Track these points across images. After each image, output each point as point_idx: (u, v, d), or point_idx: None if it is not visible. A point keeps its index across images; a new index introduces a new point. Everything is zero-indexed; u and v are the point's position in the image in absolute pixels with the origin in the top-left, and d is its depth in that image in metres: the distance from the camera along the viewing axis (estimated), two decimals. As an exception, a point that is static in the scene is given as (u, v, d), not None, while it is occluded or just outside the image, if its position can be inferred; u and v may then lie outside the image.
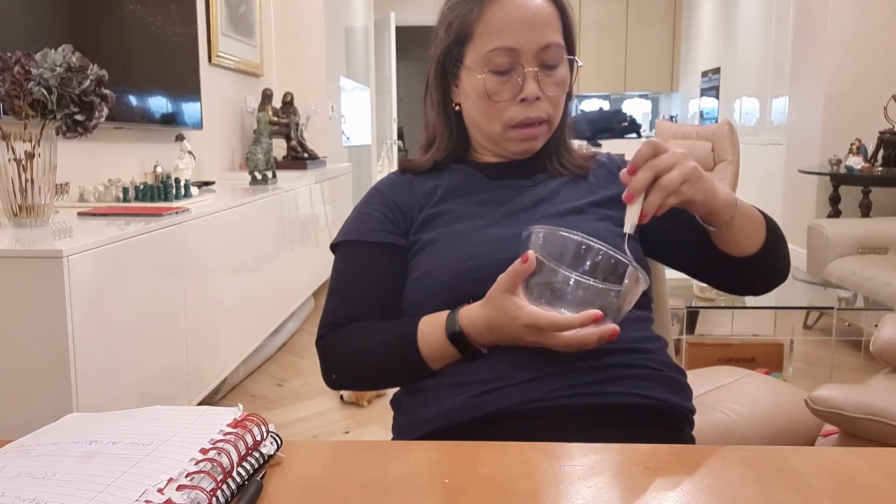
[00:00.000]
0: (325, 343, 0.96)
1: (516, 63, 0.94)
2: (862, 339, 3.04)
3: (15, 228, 1.72)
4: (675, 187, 0.79)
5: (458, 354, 0.85)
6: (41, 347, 1.49)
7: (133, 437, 0.59)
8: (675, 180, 0.79)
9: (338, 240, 1.01)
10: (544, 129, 0.98)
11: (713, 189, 0.84)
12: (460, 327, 0.84)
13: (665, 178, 0.79)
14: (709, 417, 1.47)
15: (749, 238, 0.91)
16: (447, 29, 0.99)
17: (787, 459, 0.63)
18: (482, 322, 0.82)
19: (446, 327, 0.85)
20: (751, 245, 0.92)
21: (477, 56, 0.95)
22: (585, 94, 8.80)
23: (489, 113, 0.97)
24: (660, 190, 0.79)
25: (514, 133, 0.97)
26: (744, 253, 0.92)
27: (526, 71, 0.93)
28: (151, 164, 2.91)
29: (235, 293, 2.51)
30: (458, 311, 0.85)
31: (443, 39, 0.99)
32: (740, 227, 0.89)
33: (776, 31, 5.46)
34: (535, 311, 0.78)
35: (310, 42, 4.61)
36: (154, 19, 2.81)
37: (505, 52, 0.93)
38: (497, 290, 0.80)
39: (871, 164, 3.93)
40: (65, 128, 1.71)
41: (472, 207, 0.97)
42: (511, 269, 0.78)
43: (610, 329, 0.77)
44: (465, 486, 0.58)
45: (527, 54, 0.93)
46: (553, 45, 0.94)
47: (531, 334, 0.79)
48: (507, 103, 0.95)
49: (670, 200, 0.80)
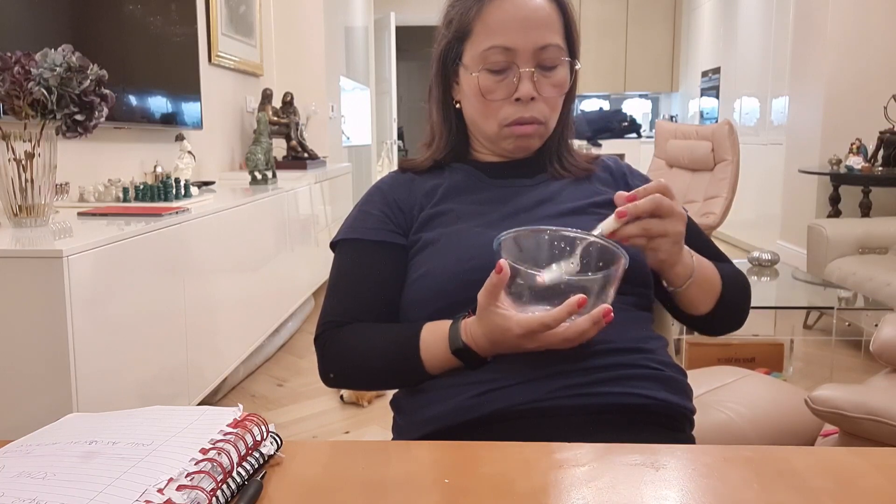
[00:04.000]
0: (323, 341, 0.96)
1: (512, 63, 0.94)
2: (862, 339, 3.04)
3: (15, 228, 1.72)
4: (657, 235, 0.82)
5: (461, 363, 0.85)
6: (41, 347, 1.49)
7: (133, 437, 0.59)
8: (661, 231, 0.82)
9: (338, 238, 1.01)
10: (540, 130, 0.98)
11: (678, 259, 0.87)
12: (464, 343, 0.83)
13: (656, 222, 0.82)
14: (709, 417, 1.47)
15: (700, 303, 0.94)
16: (448, 25, 0.99)
17: (787, 459, 0.62)
18: (482, 338, 0.82)
19: (450, 343, 0.85)
20: (705, 305, 0.95)
21: (474, 54, 0.95)
22: (585, 94, 8.80)
23: (485, 112, 0.97)
24: (644, 228, 0.82)
25: (508, 132, 0.97)
26: (694, 312, 0.95)
27: (521, 71, 0.93)
28: (151, 164, 2.91)
29: (235, 293, 2.51)
30: (459, 325, 0.85)
31: (444, 36, 1.00)
32: (697, 289, 0.92)
33: (776, 31, 5.46)
34: (524, 317, 0.78)
35: (310, 42, 4.61)
36: (154, 19, 2.80)
37: (501, 52, 0.93)
38: (481, 306, 0.80)
39: (871, 163, 3.93)
40: (65, 128, 1.71)
41: (472, 207, 0.97)
42: (488, 282, 0.78)
43: (601, 310, 0.77)
44: (465, 486, 0.58)
45: (523, 54, 0.93)
46: (551, 46, 0.94)
47: (529, 341, 0.79)
48: (501, 102, 0.95)
49: (642, 242, 0.83)
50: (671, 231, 0.83)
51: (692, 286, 0.90)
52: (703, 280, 0.92)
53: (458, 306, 0.87)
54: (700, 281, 0.91)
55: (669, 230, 0.82)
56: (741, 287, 1.00)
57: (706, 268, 0.93)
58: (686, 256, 0.89)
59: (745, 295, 1.01)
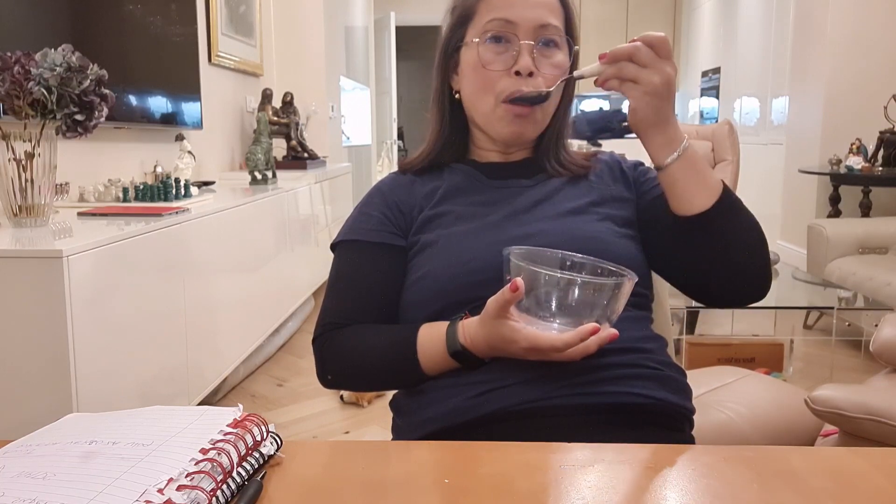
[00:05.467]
0: (322, 343, 0.96)
1: (513, 35, 0.94)
2: (862, 339, 3.04)
3: (15, 228, 1.72)
4: (628, 78, 0.83)
5: (458, 364, 0.85)
6: (41, 347, 1.49)
7: (133, 437, 0.59)
8: (631, 75, 0.83)
9: (338, 239, 1.01)
10: (537, 114, 0.97)
11: (657, 120, 0.85)
12: (461, 345, 0.83)
13: (631, 66, 0.82)
14: (709, 417, 1.47)
15: (692, 195, 0.87)
16: (451, 13, 1.01)
17: (787, 459, 0.62)
18: (482, 341, 0.82)
19: (447, 345, 0.84)
20: (698, 201, 0.87)
21: (476, 30, 0.97)
22: (585, 94, 8.79)
23: (483, 85, 0.96)
24: (618, 69, 0.83)
25: (504, 110, 0.95)
26: (691, 210, 0.88)
27: (522, 43, 0.94)
28: (151, 164, 2.91)
29: (235, 293, 2.51)
30: (457, 327, 0.84)
31: (447, 26, 1.01)
32: (685, 174, 0.87)
33: (776, 31, 5.46)
34: (533, 333, 0.77)
35: (310, 42, 4.61)
36: (154, 19, 2.80)
37: (503, 23, 0.94)
38: (489, 315, 0.79)
39: (871, 163, 3.93)
40: (65, 128, 1.71)
41: (471, 208, 0.97)
42: (500, 296, 0.77)
43: (609, 334, 0.78)
44: (465, 486, 0.58)
45: (524, 28, 0.94)
46: (552, 26, 0.95)
47: (533, 354, 0.79)
48: (500, 74, 0.95)
49: (614, 85, 0.84)
50: (644, 80, 0.82)
51: (680, 165, 0.86)
52: (693, 162, 0.87)
53: (456, 307, 0.87)
54: (690, 161, 0.86)
55: (642, 78, 0.82)
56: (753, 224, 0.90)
57: (700, 158, 0.88)
58: (673, 128, 0.86)
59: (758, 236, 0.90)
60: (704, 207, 0.87)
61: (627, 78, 0.83)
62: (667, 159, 0.87)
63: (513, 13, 0.94)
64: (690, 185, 0.87)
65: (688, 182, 0.87)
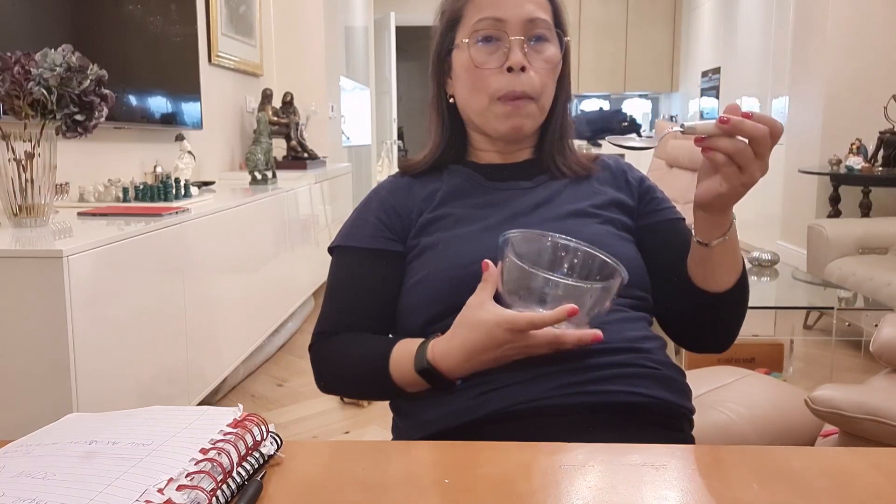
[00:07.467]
0: (315, 351, 0.98)
1: (503, 33, 0.94)
2: (862, 339, 3.04)
3: (15, 228, 1.72)
4: (738, 162, 0.75)
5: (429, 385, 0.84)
6: (41, 347, 1.49)
7: (133, 437, 0.59)
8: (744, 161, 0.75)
9: (334, 244, 1.01)
10: (532, 108, 0.96)
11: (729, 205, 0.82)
12: (429, 362, 0.82)
13: (747, 151, 0.74)
14: (709, 417, 1.47)
15: (725, 272, 0.88)
16: (440, 18, 1.01)
17: (787, 459, 0.62)
18: (456, 350, 0.81)
19: (415, 362, 0.83)
20: (724, 281, 0.89)
21: (466, 31, 0.97)
22: (585, 94, 8.80)
23: (476, 86, 0.96)
24: (736, 148, 0.74)
25: (499, 107, 0.95)
26: (714, 288, 0.89)
27: (512, 39, 0.94)
28: (151, 164, 2.91)
29: (235, 293, 2.51)
30: (427, 345, 0.84)
31: (437, 31, 1.01)
32: (722, 255, 0.87)
33: (776, 31, 5.47)
34: (511, 312, 0.78)
35: (310, 42, 4.61)
36: (154, 19, 2.80)
37: (492, 22, 0.94)
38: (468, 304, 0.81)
39: (871, 164, 3.93)
40: (65, 128, 1.71)
41: (471, 211, 0.97)
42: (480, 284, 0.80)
43: (591, 333, 0.78)
44: (465, 486, 0.58)
45: (513, 24, 0.94)
46: (541, 20, 0.95)
47: (510, 338, 0.78)
48: (493, 72, 0.95)
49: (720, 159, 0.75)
50: (749, 170, 0.76)
51: (722, 247, 0.85)
52: (733, 247, 0.87)
53: (454, 311, 0.86)
54: (731, 246, 0.86)
55: (749, 168, 0.75)
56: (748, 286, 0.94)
57: (736, 237, 0.88)
58: (729, 213, 0.85)
59: (746, 304, 0.95)
60: (727, 286, 0.89)
61: (738, 162, 0.75)
62: (714, 241, 0.85)
63: (501, 11, 0.94)
64: (724, 264, 0.88)
65: (722, 262, 0.88)
